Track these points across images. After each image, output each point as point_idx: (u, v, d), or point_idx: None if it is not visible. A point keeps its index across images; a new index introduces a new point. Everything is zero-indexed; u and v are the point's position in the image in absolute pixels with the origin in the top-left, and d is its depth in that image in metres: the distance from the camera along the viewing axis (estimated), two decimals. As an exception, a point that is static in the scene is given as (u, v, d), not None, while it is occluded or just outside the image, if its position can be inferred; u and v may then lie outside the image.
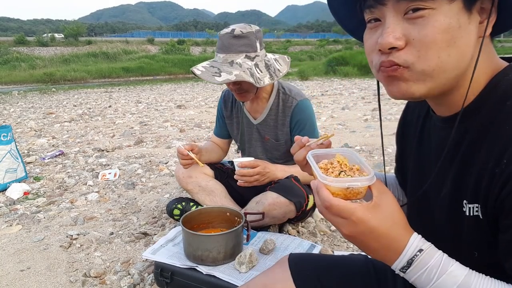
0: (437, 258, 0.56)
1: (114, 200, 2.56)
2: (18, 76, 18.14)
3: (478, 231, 0.58)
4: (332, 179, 0.60)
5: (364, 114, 5.74)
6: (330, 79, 13.26)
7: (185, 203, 1.98)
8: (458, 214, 0.60)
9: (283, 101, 1.82)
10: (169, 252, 1.53)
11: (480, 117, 0.58)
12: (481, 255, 0.60)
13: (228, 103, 2.02)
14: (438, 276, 0.55)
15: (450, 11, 0.52)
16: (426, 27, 0.53)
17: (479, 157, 0.56)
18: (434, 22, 0.52)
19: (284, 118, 1.82)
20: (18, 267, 1.71)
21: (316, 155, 0.71)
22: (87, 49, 27.84)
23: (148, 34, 60.32)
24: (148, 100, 8.86)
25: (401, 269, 0.58)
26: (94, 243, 1.93)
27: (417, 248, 0.56)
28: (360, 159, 0.67)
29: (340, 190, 0.60)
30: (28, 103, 8.66)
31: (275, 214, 1.71)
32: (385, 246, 0.57)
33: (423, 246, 0.57)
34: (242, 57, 1.61)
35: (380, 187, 0.60)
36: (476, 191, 0.56)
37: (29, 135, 4.92)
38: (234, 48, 1.60)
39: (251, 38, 1.63)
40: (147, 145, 4.19)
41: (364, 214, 0.56)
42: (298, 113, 1.79)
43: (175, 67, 23.28)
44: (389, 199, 0.59)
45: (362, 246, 0.60)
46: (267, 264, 1.45)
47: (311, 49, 29.45)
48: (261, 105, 1.87)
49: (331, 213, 0.58)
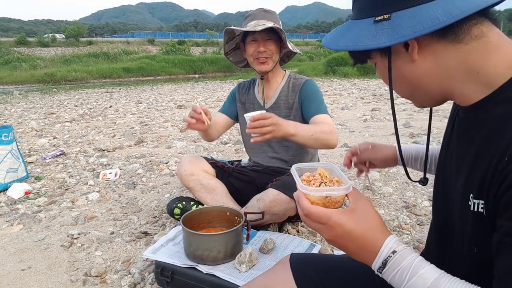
0: (409, 260, 0.59)
1: (115, 199, 2.56)
2: (19, 77, 18.16)
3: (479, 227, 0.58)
4: (311, 189, 0.66)
5: (364, 114, 5.74)
6: (329, 80, 13.25)
7: (185, 202, 1.99)
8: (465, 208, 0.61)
9: (293, 84, 1.93)
10: (169, 252, 1.54)
11: (496, 110, 0.57)
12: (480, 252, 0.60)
13: (243, 90, 2.09)
14: (409, 278, 0.58)
15: (380, 62, 0.67)
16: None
17: (489, 151, 0.55)
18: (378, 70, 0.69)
19: (294, 97, 1.90)
20: (19, 266, 1.72)
21: (300, 169, 0.77)
22: (88, 49, 27.88)
23: (149, 34, 60.30)
24: (148, 100, 8.87)
25: (378, 269, 0.61)
26: (95, 242, 1.94)
27: (391, 250, 0.60)
28: (340, 173, 0.73)
29: (319, 199, 0.65)
30: (29, 103, 8.68)
31: (276, 211, 1.72)
32: (362, 248, 0.62)
33: (397, 248, 0.60)
34: (271, 23, 1.77)
35: (356, 195, 0.65)
36: (481, 187, 0.56)
37: (30, 135, 4.93)
38: (266, 17, 1.82)
39: (276, 15, 1.87)
40: (148, 145, 4.20)
41: (339, 218, 0.62)
42: (307, 89, 1.88)
43: (175, 67, 23.31)
44: (364, 204, 0.64)
45: (343, 248, 0.64)
46: (267, 264, 1.46)
47: (310, 50, 29.44)
48: (272, 89, 1.96)
49: (311, 220, 0.64)
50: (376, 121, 5.18)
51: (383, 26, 0.60)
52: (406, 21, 0.58)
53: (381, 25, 0.60)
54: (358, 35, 0.62)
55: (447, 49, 0.59)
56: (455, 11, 0.55)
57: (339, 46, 0.65)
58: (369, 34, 0.61)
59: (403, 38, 0.57)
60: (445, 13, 0.55)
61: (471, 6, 0.55)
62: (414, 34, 0.57)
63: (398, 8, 0.59)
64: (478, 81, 0.59)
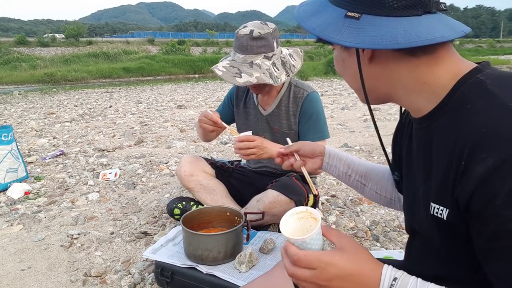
0: (412, 283, 0.58)
1: (115, 199, 2.56)
2: (19, 77, 18.13)
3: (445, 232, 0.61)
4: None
5: (364, 114, 5.74)
6: (329, 79, 13.25)
7: (185, 202, 1.99)
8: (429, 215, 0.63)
9: (294, 93, 1.85)
10: (169, 252, 1.54)
11: (444, 120, 0.61)
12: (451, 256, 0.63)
13: (240, 93, 2.03)
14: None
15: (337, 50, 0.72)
16: None
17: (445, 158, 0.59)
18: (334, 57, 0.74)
19: (295, 108, 1.84)
20: (19, 266, 1.72)
21: None
22: (88, 49, 27.84)
23: (149, 34, 60.27)
24: (148, 100, 8.86)
25: None
26: (95, 242, 1.94)
27: (391, 278, 0.59)
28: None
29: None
30: (29, 103, 8.67)
31: (275, 212, 1.72)
32: (361, 283, 0.59)
33: (396, 274, 0.59)
34: (260, 57, 1.65)
35: (337, 233, 0.64)
36: (442, 194, 0.59)
37: (30, 135, 4.93)
38: (253, 50, 1.64)
39: (268, 39, 1.66)
40: (148, 145, 4.20)
41: (331, 258, 0.60)
42: (307, 104, 1.81)
43: (175, 67, 23.27)
44: (349, 240, 0.63)
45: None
46: (267, 264, 1.46)
47: (310, 50, 29.39)
48: (272, 97, 1.89)
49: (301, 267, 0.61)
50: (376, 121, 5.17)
51: (350, 24, 0.61)
52: (371, 29, 0.59)
53: (349, 22, 0.62)
54: (326, 23, 0.64)
55: (400, 60, 0.62)
56: (415, 38, 0.57)
57: (307, 25, 0.67)
58: (336, 26, 0.63)
59: (362, 45, 0.60)
60: (405, 36, 0.57)
61: (430, 37, 0.57)
62: (372, 45, 0.59)
63: (370, 12, 0.60)
64: (424, 91, 0.63)
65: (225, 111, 2.06)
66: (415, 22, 0.58)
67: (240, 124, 2.05)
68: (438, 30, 0.58)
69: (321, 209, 2.26)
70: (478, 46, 47.56)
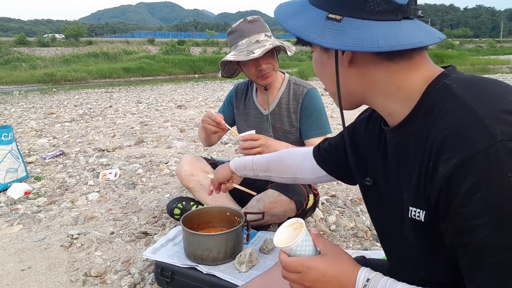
0: (382, 283, 0.64)
1: (115, 199, 2.56)
2: (19, 77, 18.12)
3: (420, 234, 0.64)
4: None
5: (364, 114, 5.73)
6: (330, 79, 13.24)
7: (185, 202, 1.99)
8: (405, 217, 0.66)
9: (294, 90, 1.86)
10: (169, 252, 1.54)
11: (416, 126, 0.63)
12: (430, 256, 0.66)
13: (239, 95, 2.03)
14: None
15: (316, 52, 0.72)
16: None
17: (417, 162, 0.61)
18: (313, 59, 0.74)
19: (296, 106, 1.84)
20: (18, 266, 1.72)
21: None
22: (88, 49, 27.83)
23: (149, 34, 60.26)
24: (148, 100, 8.86)
25: None
26: (95, 242, 1.94)
27: (365, 279, 0.66)
28: None
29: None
30: (29, 103, 8.67)
31: (275, 212, 1.72)
32: (340, 284, 0.67)
33: (369, 275, 0.66)
34: (262, 35, 1.72)
35: (323, 240, 0.73)
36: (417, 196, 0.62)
37: (30, 135, 4.93)
38: (254, 30, 1.72)
39: (262, 22, 1.78)
40: (148, 145, 4.20)
41: (312, 262, 0.69)
42: (307, 101, 1.82)
43: (175, 67, 23.26)
44: (333, 246, 0.72)
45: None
46: (267, 264, 1.46)
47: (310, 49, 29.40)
48: (272, 95, 1.90)
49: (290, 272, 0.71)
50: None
51: (332, 26, 0.62)
52: (353, 32, 0.60)
53: (331, 24, 0.62)
54: (307, 24, 0.64)
55: (378, 65, 0.63)
56: (394, 42, 0.58)
57: (288, 25, 0.67)
58: (317, 28, 0.63)
59: (344, 47, 0.60)
60: (385, 40, 0.58)
61: (409, 42, 0.59)
62: (353, 48, 0.60)
63: (351, 14, 0.61)
64: (399, 95, 0.64)
65: (225, 113, 2.06)
66: (395, 26, 0.59)
67: (240, 124, 2.05)
68: (416, 36, 0.60)
69: (321, 209, 2.26)
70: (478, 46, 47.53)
